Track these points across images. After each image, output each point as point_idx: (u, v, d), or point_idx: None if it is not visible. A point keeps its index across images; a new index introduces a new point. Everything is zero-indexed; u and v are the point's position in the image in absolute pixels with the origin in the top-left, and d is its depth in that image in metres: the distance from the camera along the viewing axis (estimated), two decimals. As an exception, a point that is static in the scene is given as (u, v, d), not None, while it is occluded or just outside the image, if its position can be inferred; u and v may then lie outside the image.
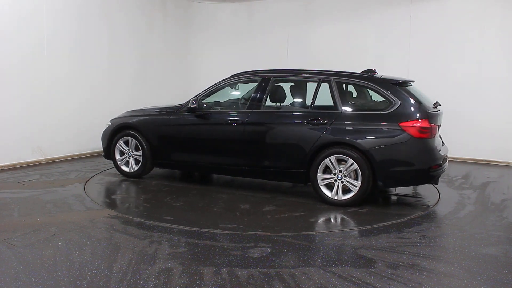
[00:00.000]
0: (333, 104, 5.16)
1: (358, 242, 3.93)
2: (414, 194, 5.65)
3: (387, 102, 4.94)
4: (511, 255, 3.66)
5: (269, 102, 5.61)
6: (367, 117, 5.01)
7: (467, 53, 7.90)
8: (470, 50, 7.87)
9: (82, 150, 7.76)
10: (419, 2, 8.22)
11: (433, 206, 5.15)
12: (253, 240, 3.89)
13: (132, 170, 6.15)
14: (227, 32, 10.13)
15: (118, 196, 5.51)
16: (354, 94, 5.56)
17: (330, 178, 4.99)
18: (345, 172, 4.90)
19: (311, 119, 5.09)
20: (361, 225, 4.41)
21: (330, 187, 5.01)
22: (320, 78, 5.31)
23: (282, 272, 3.25)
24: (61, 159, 7.35)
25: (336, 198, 4.96)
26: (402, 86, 5.06)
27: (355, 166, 4.82)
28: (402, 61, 8.35)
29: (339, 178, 4.93)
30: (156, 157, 6.00)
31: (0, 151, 6.49)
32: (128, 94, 8.56)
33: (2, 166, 6.50)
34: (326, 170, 5.01)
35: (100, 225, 4.24)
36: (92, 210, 4.71)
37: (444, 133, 5.65)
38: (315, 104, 5.30)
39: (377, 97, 5.19)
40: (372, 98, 5.43)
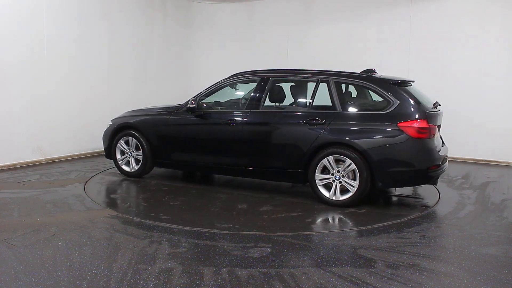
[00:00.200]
0: (331, 104, 5.15)
1: (358, 242, 3.93)
2: (414, 194, 5.64)
3: (386, 102, 4.92)
4: (511, 255, 3.66)
5: (268, 102, 5.61)
6: (366, 117, 5.00)
7: (467, 53, 7.90)
8: (470, 50, 7.87)
9: (82, 150, 7.76)
10: (419, 2, 8.22)
11: (433, 206, 5.15)
12: (253, 240, 3.89)
13: (132, 170, 6.16)
14: (227, 32, 10.13)
15: (118, 195, 5.51)
16: (353, 94, 5.55)
17: (328, 178, 4.98)
18: (343, 172, 4.89)
19: (309, 119, 5.09)
20: (359, 225, 4.41)
21: (328, 187, 5.00)
22: (318, 78, 5.31)
23: (282, 272, 3.25)
24: (61, 159, 7.35)
25: (334, 198, 4.95)
26: (401, 86, 5.04)
27: (353, 166, 4.81)
28: (402, 61, 8.35)
29: (337, 179, 4.92)
30: (156, 156, 6.01)
31: (0, 151, 6.49)
32: (128, 94, 8.56)
33: (2, 166, 6.50)
34: (324, 170, 5.00)
35: (100, 225, 4.24)
36: (92, 210, 4.71)
37: (444, 133, 5.64)
38: (314, 104, 5.30)
39: (376, 97, 5.18)
40: (372, 98, 5.42)
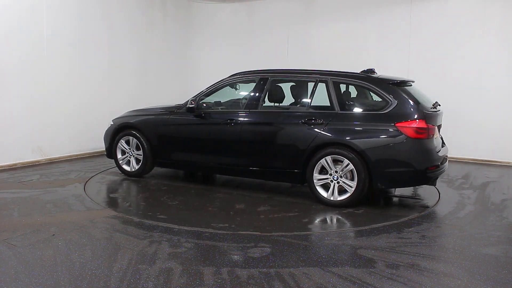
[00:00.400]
0: (329, 104, 5.14)
1: (358, 242, 3.92)
2: (413, 195, 5.64)
3: (384, 102, 4.91)
4: (511, 255, 3.66)
5: (267, 102, 5.61)
6: (364, 117, 5.00)
7: (467, 53, 7.90)
8: (470, 50, 7.87)
9: (82, 150, 7.76)
10: (419, 2, 8.22)
11: (433, 206, 5.15)
12: (253, 240, 3.89)
13: (133, 169, 6.17)
14: (227, 32, 10.13)
15: (117, 195, 5.51)
16: (352, 94, 5.54)
17: (326, 179, 4.97)
18: (341, 172, 4.87)
19: (308, 119, 5.07)
20: (357, 226, 4.40)
21: (327, 188, 4.99)
22: (317, 78, 5.29)
23: (282, 272, 3.25)
24: (61, 159, 7.35)
25: (332, 198, 4.94)
26: (400, 86, 5.02)
27: (351, 166, 4.79)
28: (402, 61, 8.34)
29: (335, 179, 4.91)
30: (156, 156, 6.01)
31: (0, 151, 6.49)
32: (128, 94, 8.56)
33: (2, 166, 6.50)
34: (322, 170, 4.99)
35: (100, 225, 4.24)
36: (92, 210, 4.71)
37: (444, 133, 5.64)
38: (312, 104, 5.29)
39: (376, 97, 5.17)
40: (372, 98, 5.41)
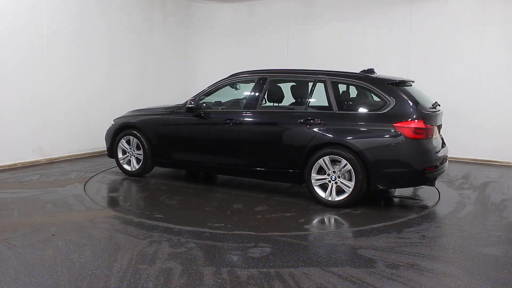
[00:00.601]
0: (328, 104, 5.13)
1: (358, 242, 3.92)
2: (413, 195, 5.63)
3: (382, 102, 4.89)
4: (511, 255, 3.66)
5: (266, 102, 5.61)
6: (362, 117, 4.98)
7: (467, 53, 7.89)
8: (470, 50, 7.87)
9: (82, 150, 7.76)
10: (419, 2, 8.22)
11: (433, 206, 5.15)
12: (253, 240, 3.89)
13: (133, 169, 6.19)
14: (227, 32, 10.13)
15: (117, 195, 5.51)
16: (350, 94, 5.53)
17: (324, 179, 4.95)
18: (339, 173, 4.86)
19: (306, 119, 5.06)
20: (354, 226, 4.39)
21: (325, 188, 4.98)
22: (315, 78, 5.28)
23: (282, 272, 3.25)
24: (61, 159, 7.35)
25: (329, 199, 4.93)
26: (399, 86, 5.00)
27: (349, 167, 4.78)
28: (402, 61, 8.34)
29: (333, 179, 4.89)
30: (156, 156, 6.01)
31: (0, 151, 6.49)
32: (128, 94, 8.56)
33: (2, 166, 6.50)
34: (320, 170, 4.97)
35: (100, 225, 4.24)
36: (92, 210, 4.71)
37: (444, 133, 5.64)
38: (311, 104, 5.28)
39: (375, 97, 5.17)
40: (372, 98, 5.41)
